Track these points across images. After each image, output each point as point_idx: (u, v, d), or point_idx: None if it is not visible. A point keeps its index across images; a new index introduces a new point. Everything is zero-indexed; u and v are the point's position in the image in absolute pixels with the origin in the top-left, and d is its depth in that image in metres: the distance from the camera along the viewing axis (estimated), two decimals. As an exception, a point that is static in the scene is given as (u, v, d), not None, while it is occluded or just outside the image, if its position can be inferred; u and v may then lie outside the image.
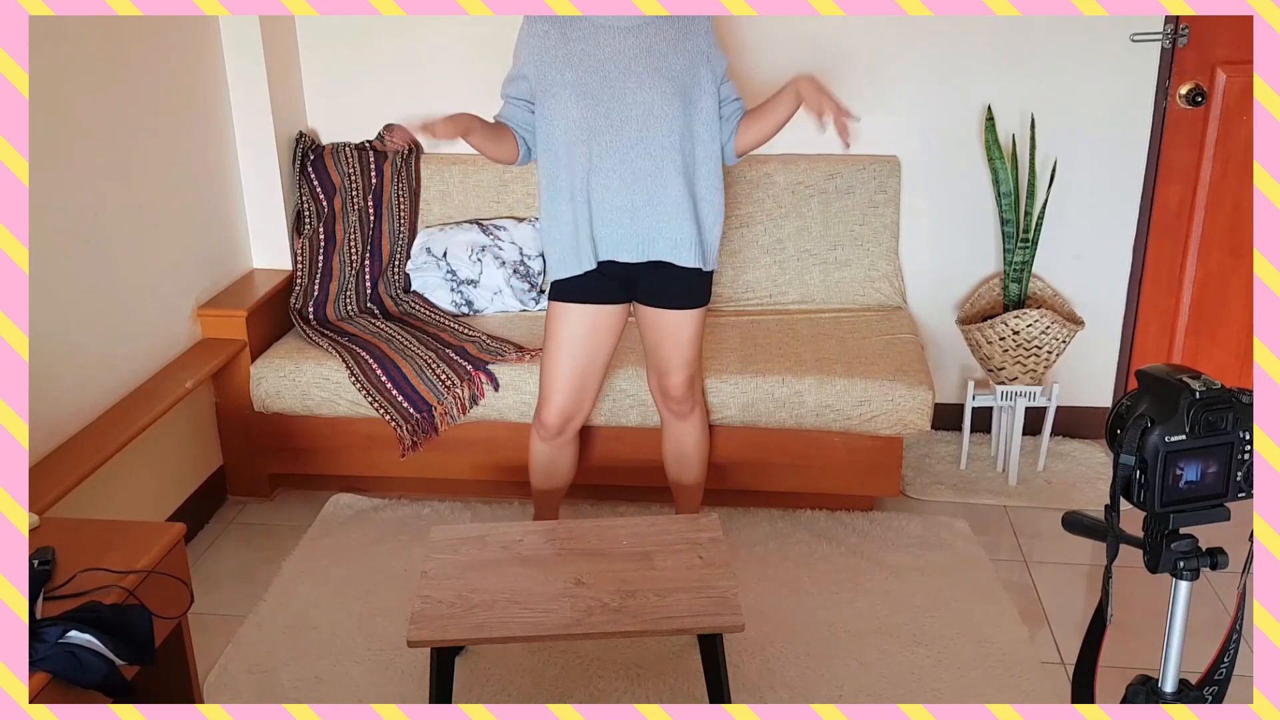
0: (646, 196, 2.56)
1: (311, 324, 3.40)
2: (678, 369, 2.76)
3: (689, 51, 2.55)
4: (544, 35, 2.54)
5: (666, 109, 2.51)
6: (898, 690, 2.53)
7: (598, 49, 2.51)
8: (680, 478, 2.95)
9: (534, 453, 2.87)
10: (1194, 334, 3.62)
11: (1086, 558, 3.09)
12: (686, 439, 2.90)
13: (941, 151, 3.53)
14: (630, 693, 2.52)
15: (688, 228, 2.59)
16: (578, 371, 2.72)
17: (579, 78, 2.50)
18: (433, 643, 2.16)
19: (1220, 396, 1.37)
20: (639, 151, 2.53)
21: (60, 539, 2.03)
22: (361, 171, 3.51)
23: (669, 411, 2.86)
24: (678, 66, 2.53)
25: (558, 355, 2.71)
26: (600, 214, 2.57)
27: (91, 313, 2.76)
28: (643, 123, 2.51)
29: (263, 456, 3.35)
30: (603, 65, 2.51)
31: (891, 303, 3.57)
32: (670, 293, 2.67)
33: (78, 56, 2.67)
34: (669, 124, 2.52)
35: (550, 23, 2.54)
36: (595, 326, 2.68)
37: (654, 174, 2.54)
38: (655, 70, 2.51)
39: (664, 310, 2.69)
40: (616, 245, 2.60)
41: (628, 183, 2.54)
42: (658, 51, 2.52)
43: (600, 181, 2.54)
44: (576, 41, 2.52)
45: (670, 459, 2.95)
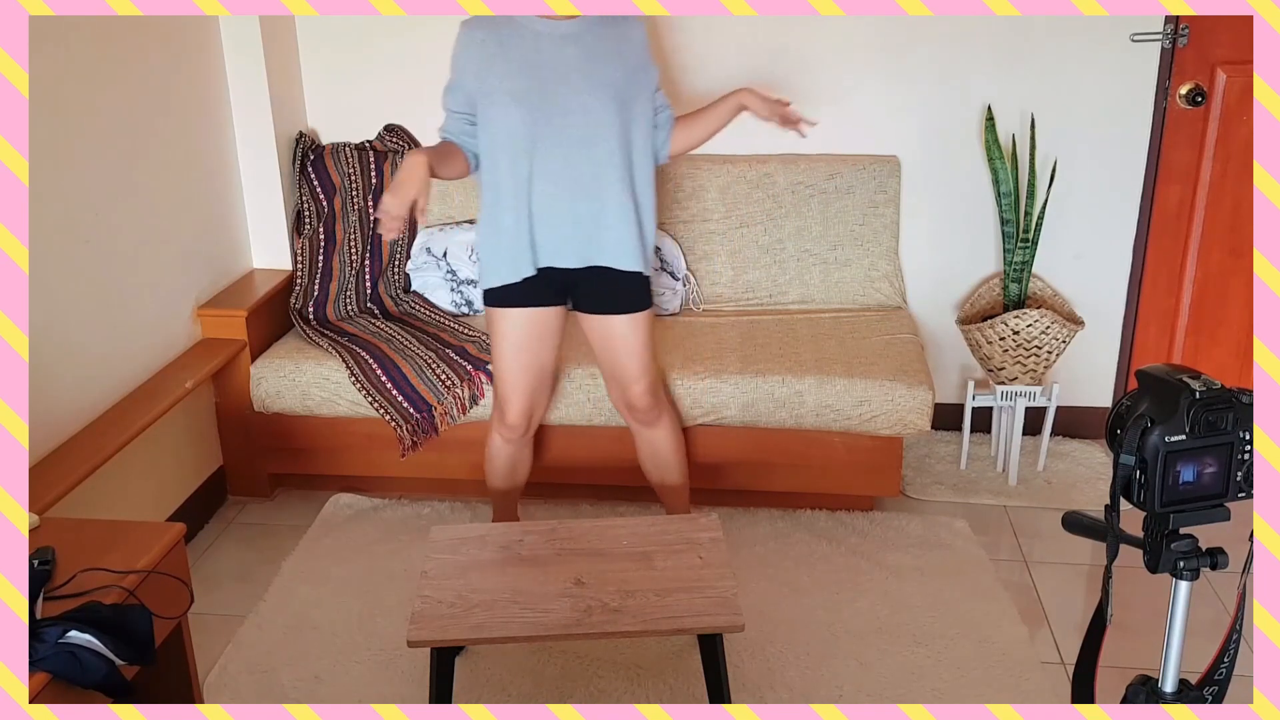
0: (589, 202, 2.56)
1: (311, 324, 3.40)
2: (635, 378, 2.75)
3: (626, 60, 2.57)
4: (482, 44, 2.52)
5: (606, 115, 2.52)
6: (898, 690, 2.53)
7: (536, 56, 2.51)
8: (662, 480, 2.94)
9: (495, 455, 2.88)
10: (1194, 334, 3.62)
11: (1086, 558, 3.09)
12: (660, 444, 2.89)
13: (941, 151, 3.53)
14: (630, 693, 2.52)
15: (631, 232, 2.60)
16: (531, 371, 2.74)
17: (519, 85, 2.50)
18: (433, 643, 2.16)
19: (1220, 396, 1.37)
20: (581, 157, 2.53)
21: (60, 539, 2.03)
22: (361, 171, 3.51)
23: (637, 422, 2.85)
24: (616, 74, 2.54)
25: (508, 360, 2.72)
26: (542, 220, 2.57)
27: (91, 313, 2.76)
28: (583, 129, 2.52)
29: (263, 456, 3.35)
30: (541, 72, 2.51)
31: (891, 303, 3.57)
32: (612, 299, 2.67)
33: (78, 56, 2.67)
34: (609, 130, 2.53)
35: (487, 30, 2.53)
36: (536, 328, 2.69)
37: (596, 179, 2.55)
38: (593, 77, 2.52)
39: (609, 317, 2.69)
40: (557, 251, 2.60)
41: (570, 189, 2.55)
42: (597, 59, 2.53)
43: (542, 188, 2.54)
44: (515, 49, 2.51)
45: (647, 464, 2.93)
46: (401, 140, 3.59)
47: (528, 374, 2.74)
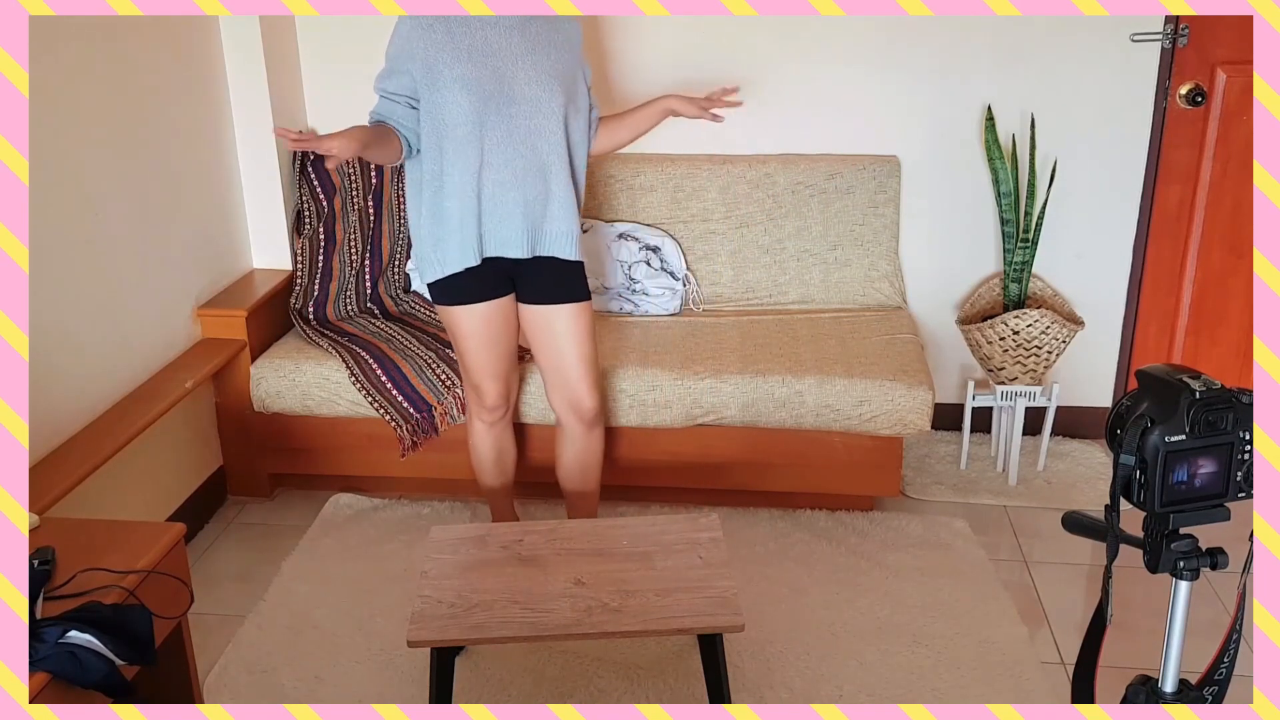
0: (537, 191, 2.59)
1: (311, 324, 3.40)
2: (582, 374, 2.74)
3: (568, 54, 2.62)
4: (429, 28, 2.51)
5: (553, 105, 2.56)
6: (898, 690, 2.53)
7: (485, 44, 2.52)
8: (584, 486, 2.90)
9: (479, 445, 2.88)
10: (1194, 334, 3.62)
11: (1086, 558, 3.09)
12: (595, 448, 2.86)
13: (941, 151, 3.53)
14: (630, 693, 2.52)
15: (572, 222, 2.65)
16: (499, 356, 2.76)
17: (468, 72, 2.50)
18: (433, 643, 2.16)
19: (1220, 396, 1.37)
20: (530, 146, 2.56)
21: (60, 539, 2.03)
22: (361, 171, 3.51)
23: (579, 422, 2.80)
24: (560, 65, 2.59)
25: (475, 354, 2.74)
26: (491, 210, 2.58)
27: (91, 313, 2.76)
28: (532, 119, 2.55)
29: (263, 456, 3.35)
30: (492, 60, 2.52)
31: (891, 303, 3.57)
32: (554, 288, 2.69)
33: (78, 56, 2.67)
34: (555, 120, 2.57)
35: (435, 18, 2.52)
36: (494, 320, 2.70)
37: (543, 169, 2.58)
38: (541, 67, 2.55)
39: (552, 307, 2.69)
40: (505, 241, 2.62)
41: (519, 177, 2.57)
42: (540, 49, 2.56)
43: (492, 177, 2.56)
44: (463, 37, 2.51)
45: (574, 473, 2.88)
46: (401, 140, 3.59)
47: (497, 360, 2.76)
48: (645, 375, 3.10)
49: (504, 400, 2.82)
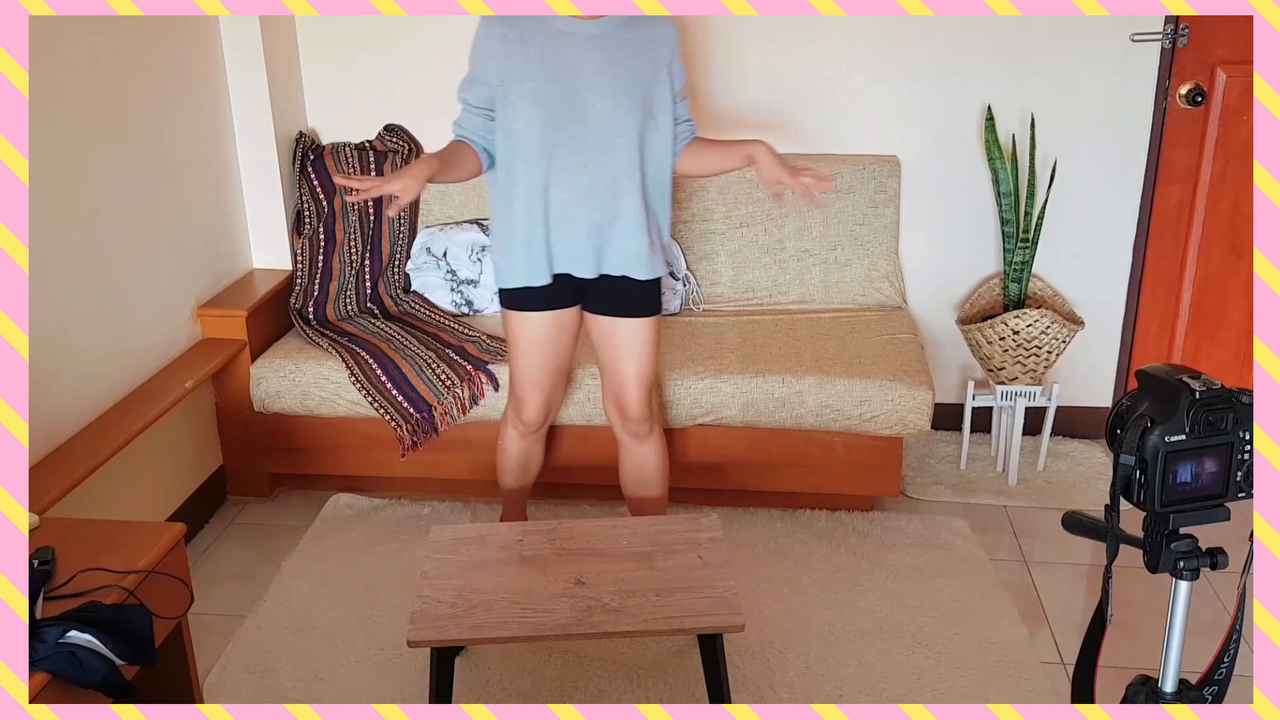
0: (605, 211, 2.51)
1: (311, 324, 3.40)
2: (634, 386, 2.70)
3: (651, 63, 2.48)
4: (504, 39, 2.43)
5: (627, 123, 2.45)
6: (898, 690, 2.53)
7: (558, 57, 2.43)
8: (644, 494, 2.87)
9: (507, 450, 2.85)
10: (1194, 334, 3.62)
11: (1086, 558, 3.09)
12: (647, 462, 2.81)
13: (941, 151, 3.53)
14: (630, 693, 2.52)
15: (642, 242, 2.54)
16: (548, 371, 2.71)
17: (540, 87, 2.42)
18: (433, 643, 2.16)
19: (1220, 396, 1.37)
20: (599, 164, 2.47)
21: (60, 539, 2.03)
22: (361, 171, 3.51)
23: (628, 434, 2.78)
24: (639, 78, 2.46)
25: (526, 361, 2.69)
26: (558, 228, 2.52)
27: (91, 313, 2.76)
28: (602, 135, 2.45)
29: (263, 456, 3.35)
30: (564, 75, 2.43)
31: (891, 303, 3.57)
32: (622, 302, 2.62)
33: (78, 56, 2.67)
34: (628, 138, 2.46)
35: (510, 25, 2.44)
36: (554, 330, 2.65)
37: (613, 188, 2.49)
38: (616, 82, 2.44)
39: (617, 319, 2.64)
40: (573, 260, 2.56)
41: (586, 196, 2.49)
42: (620, 62, 2.45)
43: (559, 195, 2.49)
44: (536, 48, 2.43)
45: (630, 482, 2.86)
46: (401, 140, 3.59)
47: (545, 374, 2.71)
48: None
49: (542, 417, 2.77)
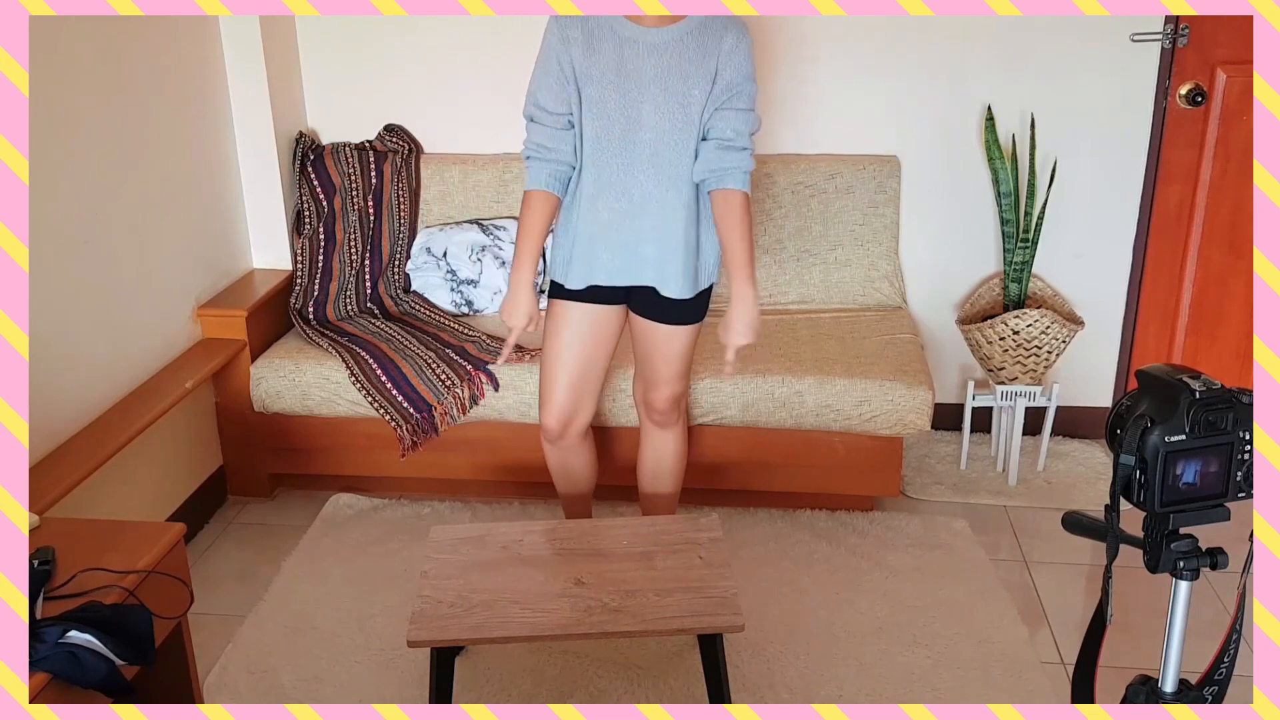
0: (649, 223, 2.47)
1: (311, 324, 3.40)
2: (665, 382, 2.70)
3: (713, 75, 2.39)
4: (572, 43, 2.39)
5: (676, 137, 2.41)
6: (898, 690, 2.53)
7: (619, 65, 2.38)
8: (657, 489, 2.88)
9: (548, 456, 2.83)
10: (1194, 334, 3.62)
11: (1086, 558, 3.09)
12: (666, 451, 2.82)
13: (941, 151, 3.53)
14: (630, 693, 2.52)
15: (681, 258, 2.49)
16: (577, 373, 2.65)
17: (598, 93, 2.39)
18: (433, 643, 2.16)
19: (1220, 396, 1.37)
20: (649, 176, 2.43)
21: (60, 539, 2.03)
22: (361, 171, 3.51)
23: (651, 422, 2.79)
24: (697, 92, 2.39)
25: (558, 355, 2.64)
26: (604, 239, 2.50)
27: (91, 313, 2.76)
28: (655, 147, 2.41)
29: (263, 456, 3.35)
30: (623, 83, 2.38)
31: (891, 303, 3.57)
32: (664, 308, 2.60)
33: (78, 56, 2.67)
34: (678, 151, 2.42)
35: (578, 28, 2.39)
36: (596, 326, 2.62)
37: (659, 201, 2.45)
38: (671, 94, 2.38)
39: (657, 324, 2.63)
40: (613, 273, 2.54)
41: (634, 209, 2.46)
42: (678, 73, 2.38)
43: (606, 204, 2.46)
44: (599, 54, 2.38)
45: (647, 472, 2.86)
46: (401, 140, 3.59)
47: (572, 376, 2.64)
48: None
49: (560, 425, 2.68)
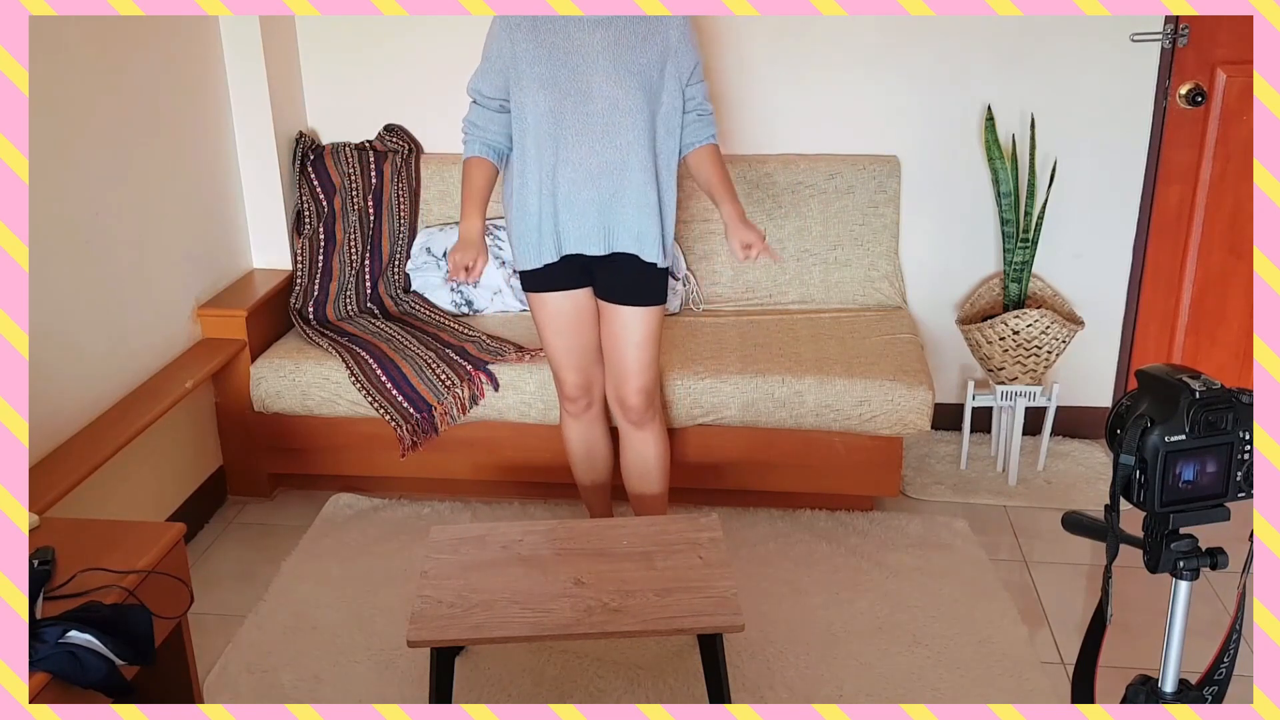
0: (612, 190, 2.57)
1: (311, 324, 3.40)
2: (635, 373, 2.74)
3: (656, 46, 2.54)
4: (515, 27, 2.54)
5: (631, 103, 2.52)
6: (898, 690, 2.53)
7: (566, 41, 2.51)
8: (642, 489, 2.89)
9: (570, 442, 2.90)
10: (1194, 334, 3.62)
11: (1086, 558, 3.09)
12: (648, 451, 2.85)
13: (941, 151, 3.53)
14: (630, 693, 2.52)
15: (652, 221, 2.60)
16: (578, 348, 2.77)
17: (547, 71, 2.52)
18: (433, 643, 2.16)
19: (1220, 396, 1.37)
20: (605, 144, 2.54)
21: (60, 539, 2.03)
22: (361, 171, 3.51)
23: (626, 421, 2.83)
24: (643, 61, 2.53)
25: (553, 341, 2.78)
26: (566, 208, 2.59)
27: (91, 313, 2.76)
28: (608, 116, 2.52)
29: (263, 456, 3.35)
30: (570, 58, 2.51)
31: (891, 303, 3.57)
32: (626, 288, 2.68)
33: (78, 56, 2.67)
34: (634, 118, 2.53)
35: (521, 16, 2.54)
36: (575, 309, 2.73)
37: (620, 167, 2.55)
38: (621, 63, 2.51)
39: (619, 307, 2.69)
40: (581, 239, 2.62)
41: (593, 176, 2.55)
42: (625, 44, 2.52)
43: (567, 175, 2.56)
44: (546, 35, 2.52)
45: (633, 474, 2.89)
46: (401, 140, 3.59)
47: (575, 351, 2.78)
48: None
49: (582, 392, 2.83)
